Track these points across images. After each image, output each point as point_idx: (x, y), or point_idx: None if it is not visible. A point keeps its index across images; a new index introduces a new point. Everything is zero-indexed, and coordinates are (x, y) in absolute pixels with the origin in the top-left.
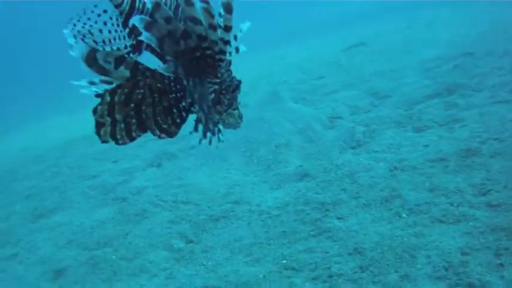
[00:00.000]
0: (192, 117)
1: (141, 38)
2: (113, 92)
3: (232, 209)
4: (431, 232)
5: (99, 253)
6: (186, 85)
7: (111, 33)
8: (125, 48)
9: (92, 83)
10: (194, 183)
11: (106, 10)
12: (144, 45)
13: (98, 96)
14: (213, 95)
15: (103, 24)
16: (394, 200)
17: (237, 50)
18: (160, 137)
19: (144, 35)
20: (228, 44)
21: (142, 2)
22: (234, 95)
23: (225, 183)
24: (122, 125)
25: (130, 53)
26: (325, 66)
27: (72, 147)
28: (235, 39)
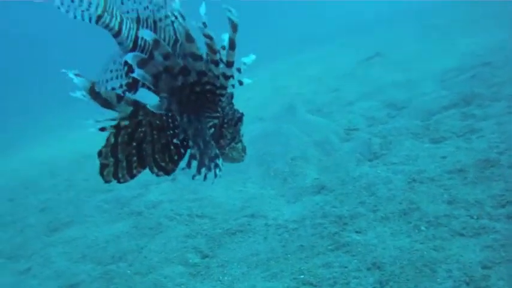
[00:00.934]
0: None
1: (133, 75)
2: (117, 133)
3: (248, 223)
4: (451, 245)
5: (113, 268)
6: (179, 121)
7: (112, 72)
8: (120, 87)
9: (98, 122)
10: (209, 196)
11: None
12: (140, 83)
13: (103, 130)
14: (213, 130)
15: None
16: (412, 212)
17: (241, 83)
18: (157, 175)
19: (136, 72)
20: (230, 78)
21: (144, 39)
22: (237, 128)
23: (241, 197)
24: (124, 164)
25: (125, 91)
26: (341, 77)
27: (87, 161)
28: (239, 72)
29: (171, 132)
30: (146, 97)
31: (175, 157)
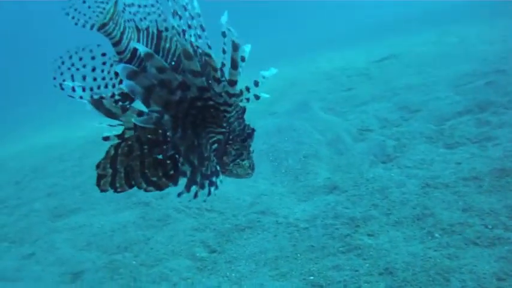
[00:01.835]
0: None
1: (121, 86)
2: (117, 146)
3: (258, 220)
4: (465, 255)
5: (118, 257)
6: (170, 136)
7: (104, 80)
8: (111, 96)
9: (112, 126)
10: (220, 191)
11: (104, 53)
12: None
13: (106, 139)
14: (216, 145)
15: (98, 67)
16: (426, 218)
17: (257, 97)
18: (146, 191)
19: (125, 84)
20: (234, 96)
21: None
22: (245, 144)
23: (251, 192)
24: (122, 174)
25: (119, 101)
26: (355, 77)
27: (95, 147)
28: (256, 86)
29: (166, 146)
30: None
31: (171, 172)
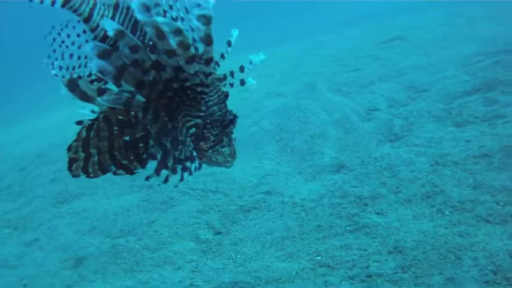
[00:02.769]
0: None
1: (91, 65)
2: (89, 127)
3: (264, 200)
4: (477, 232)
5: (122, 241)
6: (140, 118)
7: (79, 59)
8: (89, 75)
9: (94, 112)
10: (224, 171)
11: (85, 30)
12: None
13: (79, 123)
14: (193, 130)
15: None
16: (436, 196)
17: (243, 82)
18: (115, 174)
19: (95, 63)
20: (209, 76)
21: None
22: (227, 130)
23: (257, 173)
24: (95, 159)
25: (94, 81)
26: (362, 59)
27: None
28: (242, 71)
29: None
30: None
31: (144, 155)
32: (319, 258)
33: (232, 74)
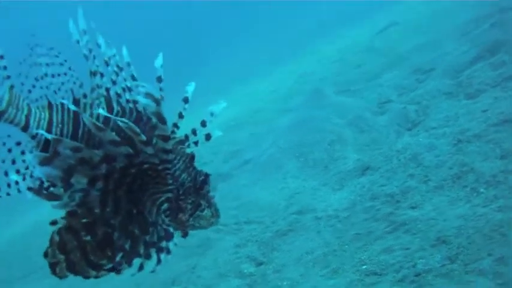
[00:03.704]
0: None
1: (35, 174)
2: (59, 231)
3: (297, 220)
4: None
5: None
6: (98, 214)
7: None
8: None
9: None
10: (253, 200)
11: (19, 142)
12: None
13: (53, 223)
14: (165, 205)
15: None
16: (466, 175)
17: (208, 137)
18: (97, 277)
19: (39, 171)
20: (171, 152)
21: (59, 128)
22: (202, 193)
23: (284, 194)
24: (78, 254)
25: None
26: (361, 53)
27: None
28: (204, 126)
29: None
30: None
31: (126, 246)
32: (365, 267)
33: (194, 132)
